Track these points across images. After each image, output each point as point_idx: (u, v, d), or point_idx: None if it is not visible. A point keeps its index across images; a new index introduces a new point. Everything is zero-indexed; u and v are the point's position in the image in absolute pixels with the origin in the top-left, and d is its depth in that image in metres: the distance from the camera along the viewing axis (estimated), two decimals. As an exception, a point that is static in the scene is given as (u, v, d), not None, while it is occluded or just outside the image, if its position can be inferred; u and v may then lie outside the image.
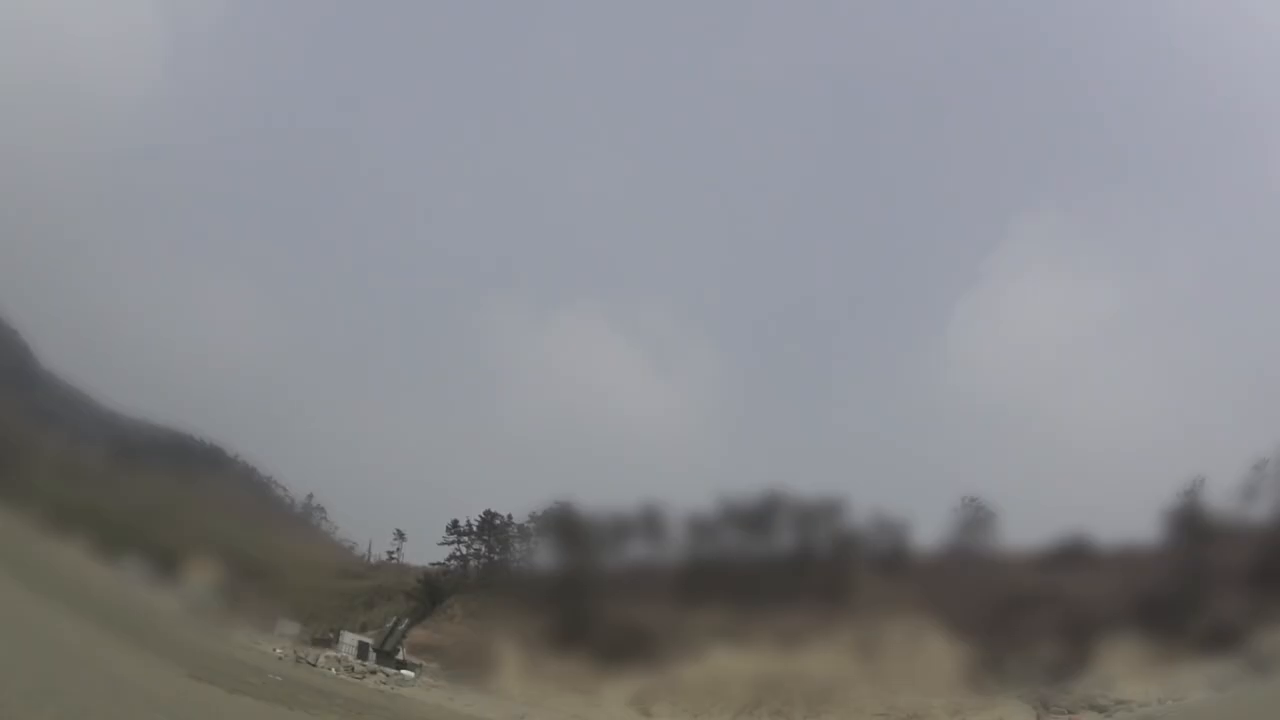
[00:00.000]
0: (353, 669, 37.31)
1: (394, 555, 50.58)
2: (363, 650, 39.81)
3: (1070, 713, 35.21)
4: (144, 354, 38.49)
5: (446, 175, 71.14)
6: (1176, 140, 68.77)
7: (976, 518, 39.75)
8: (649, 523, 39.63)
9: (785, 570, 39.12)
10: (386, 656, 39.48)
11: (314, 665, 35.82)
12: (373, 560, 51.00)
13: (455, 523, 47.77)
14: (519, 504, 46.15)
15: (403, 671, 36.50)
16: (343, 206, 66.30)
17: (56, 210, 48.96)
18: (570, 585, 40.12)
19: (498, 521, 47.75)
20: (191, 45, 62.71)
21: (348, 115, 70.79)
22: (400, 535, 50.38)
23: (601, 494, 40.60)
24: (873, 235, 71.41)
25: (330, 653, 38.05)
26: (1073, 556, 37.72)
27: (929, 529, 39.63)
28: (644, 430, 45.15)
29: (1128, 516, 37.83)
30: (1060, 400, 54.59)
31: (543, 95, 72.81)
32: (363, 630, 42.03)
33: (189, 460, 43.77)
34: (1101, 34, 71.10)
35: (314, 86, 70.47)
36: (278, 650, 36.11)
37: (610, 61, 75.06)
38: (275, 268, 61.26)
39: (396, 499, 50.73)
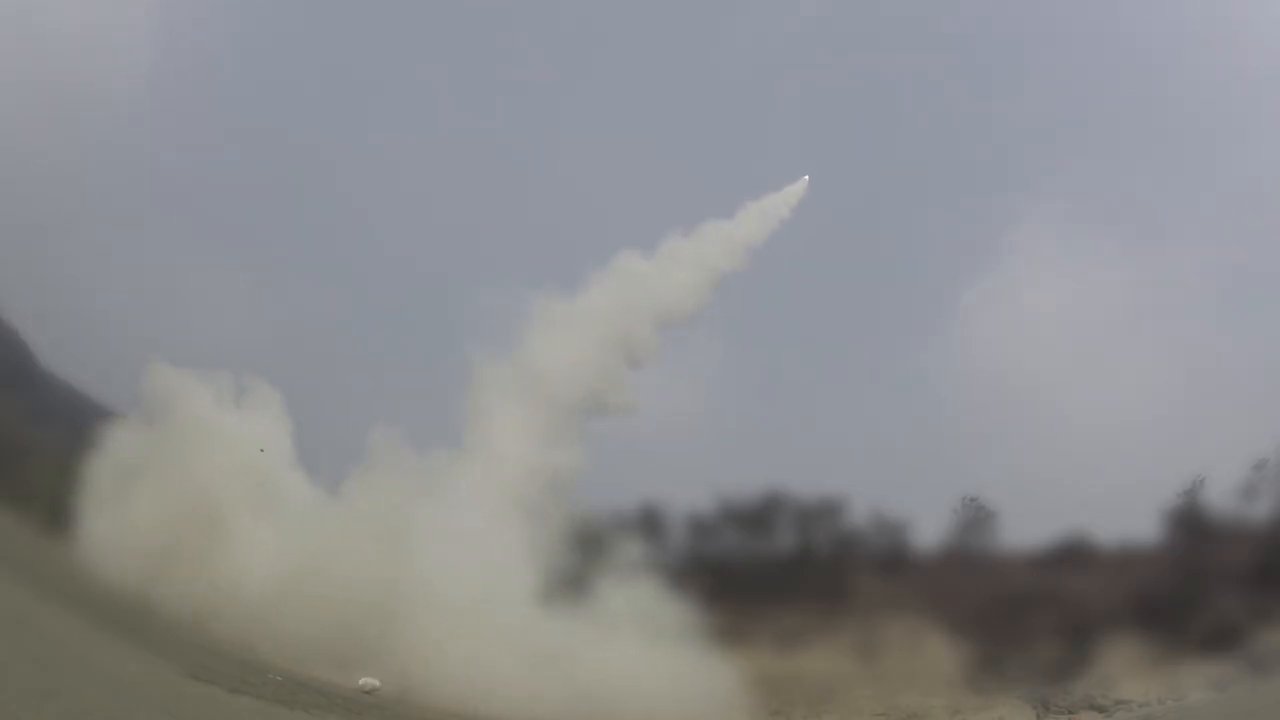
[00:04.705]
0: None
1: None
2: None
3: (1070, 713, 35.25)
4: (144, 354, 38.33)
5: (438, 167, 70.98)
6: (1191, 129, 68.54)
7: (976, 518, 39.79)
8: (649, 523, 39.63)
9: (785, 570, 39.18)
10: None
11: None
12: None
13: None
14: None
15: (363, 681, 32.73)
16: (341, 201, 66.16)
17: (56, 209, 48.90)
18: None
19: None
20: (184, 37, 62.60)
21: (341, 107, 70.60)
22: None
23: (601, 494, 40.47)
24: (876, 228, 71.13)
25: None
26: (1073, 556, 37.83)
27: (929, 529, 39.70)
28: (644, 430, 45.00)
29: (1128, 516, 37.92)
30: (1065, 397, 54.45)
31: (537, 86, 72.51)
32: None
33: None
34: (1116, 19, 70.83)
35: (308, 78, 70.23)
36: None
37: (608, 42, 74.72)
38: (274, 266, 61.05)
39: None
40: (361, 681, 32.17)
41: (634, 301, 39.99)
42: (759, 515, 40.29)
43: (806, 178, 41.88)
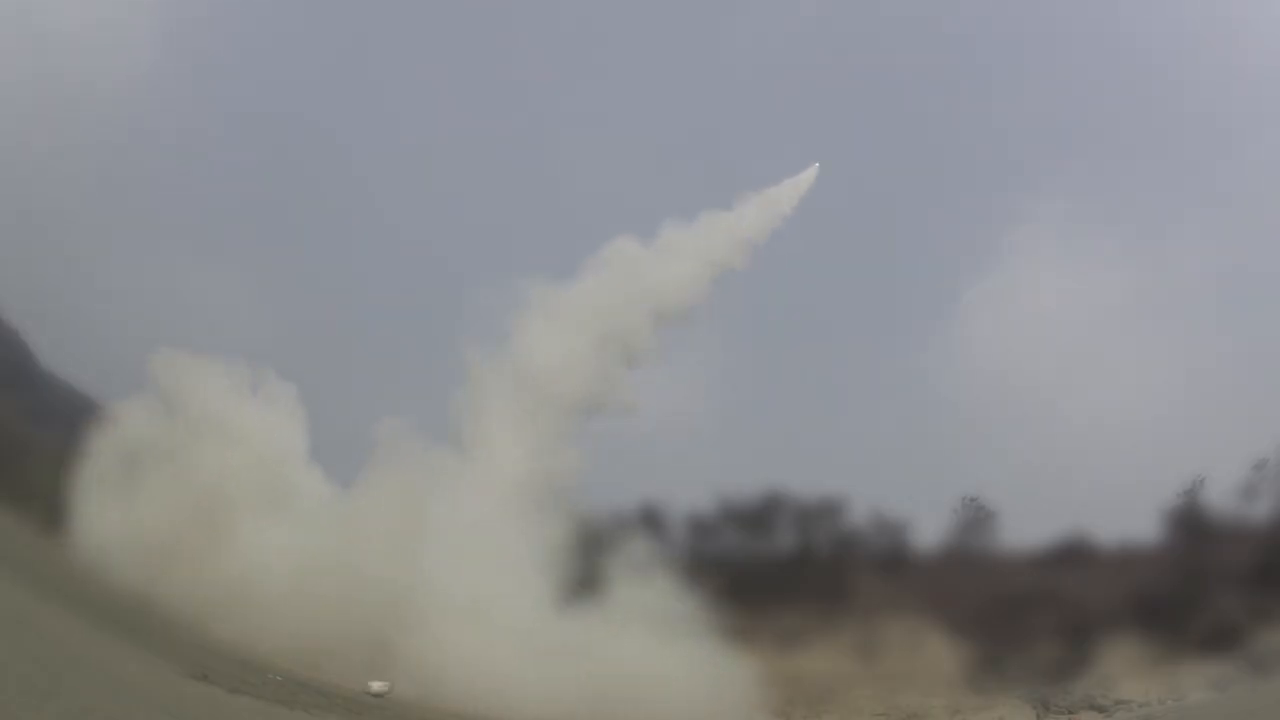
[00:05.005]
0: None
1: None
2: None
3: (1070, 713, 35.25)
4: (144, 352, 38.18)
5: (438, 161, 71.05)
6: (1191, 129, 68.53)
7: (976, 518, 39.79)
8: (649, 523, 39.59)
9: (785, 570, 39.17)
10: None
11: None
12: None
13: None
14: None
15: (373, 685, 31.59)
16: (343, 198, 66.19)
17: (56, 207, 48.89)
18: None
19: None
20: (185, 37, 62.62)
21: (341, 99, 70.59)
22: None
23: (601, 494, 40.39)
24: (876, 227, 71.12)
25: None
26: (1073, 556, 37.84)
27: (929, 529, 39.71)
28: (644, 429, 44.98)
29: (1128, 516, 37.92)
30: (1065, 396, 54.45)
31: (539, 80, 72.53)
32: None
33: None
34: (1116, 20, 70.82)
35: (307, 70, 70.25)
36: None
37: (610, 38, 74.76)
38: (275, 264, 61.06)
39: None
40: (373, 685, 31.56)
41: (630, 292, 39.49)
42: (759, 515, 40.30)
43: (817, 165, 41.08)
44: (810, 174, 40.81)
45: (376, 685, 31.53)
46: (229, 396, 36.17)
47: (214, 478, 33.75)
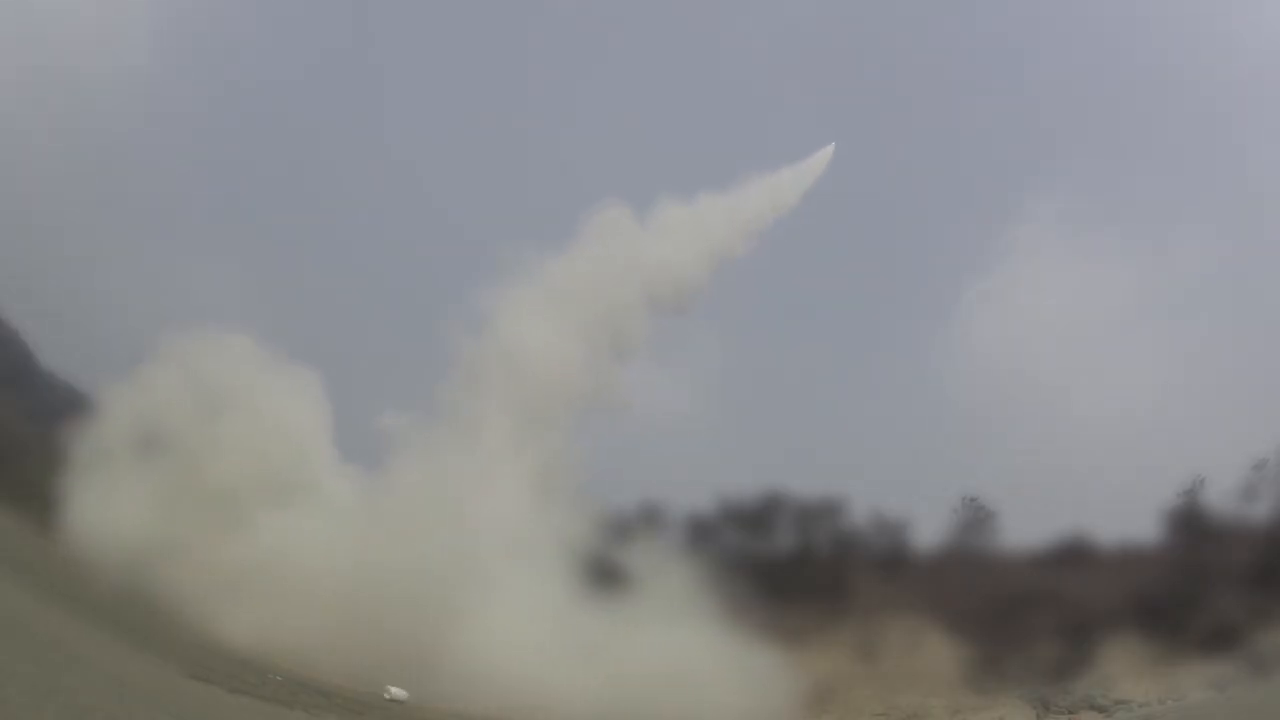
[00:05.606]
0: None
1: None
2: None
3: (1070, 713, 35.25)
4: (143, 351, 38.05)
5: (438, 156, 71.19)
6: (1193, 129, 68.63)
7: (976, 518, 39.79)
8: (649, 523, 39.58)
9: (785, 570, 39.15)
10: None
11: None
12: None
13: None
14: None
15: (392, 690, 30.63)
16: (345, 193, 66.34)
17: (55, 205, 48.89)
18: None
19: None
20: (179, 21, 62.75)
21: (342, 91, 70.72)
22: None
23: (601, 494, 40.34)
24: (878, 226, 71.21)
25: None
26: (1073, 556, 37.85)
27: (929, 529, 39.74)
28: (644, 429, 44.94)
29: (1128, 516, 37.97)
30: (1066, 396, 54.49)
31: (545, 73, 72.71)
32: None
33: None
34: (1120, 19, 70.97)
35: (305, 61, 70.36)
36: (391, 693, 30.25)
37: (613, 33, 74.86)
38: (274, 260, 61.13)
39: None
40: (391, 691, 30.63)
41: (622, 267, 37.95)
42: (759, 515, 40.30)
43: (833, 144, 39.74)
44: (825, 155, 39.48)
45: (394, 691, 30.59)
46: (249, 377, 34.74)
47: (232, 465, 32.58)
